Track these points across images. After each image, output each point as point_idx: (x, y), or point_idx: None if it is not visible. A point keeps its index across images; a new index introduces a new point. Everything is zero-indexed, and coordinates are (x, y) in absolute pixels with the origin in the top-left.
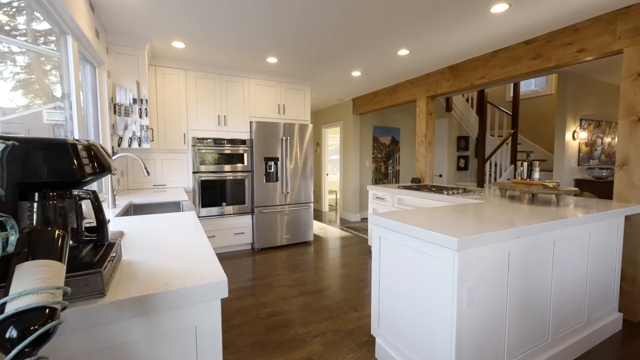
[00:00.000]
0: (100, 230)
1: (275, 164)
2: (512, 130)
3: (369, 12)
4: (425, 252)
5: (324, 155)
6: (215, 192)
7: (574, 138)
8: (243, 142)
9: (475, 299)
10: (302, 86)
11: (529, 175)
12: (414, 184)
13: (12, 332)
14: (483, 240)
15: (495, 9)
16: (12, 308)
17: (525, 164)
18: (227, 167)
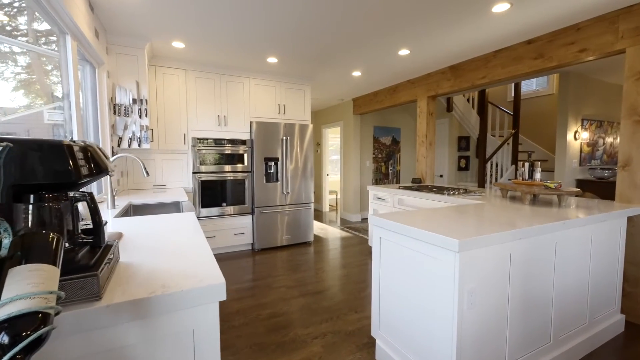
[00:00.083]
0: (96, 232)
1: (276, 164)
2: (513, 131)
3: (369, 12)
4: (426, 254)
5: (325, 155)
6: (216, 192)
7: (575, 138)
8: (243, 142)
9: (477, 300)
10: (303, 86)
11: (531, 175)
12: (415, 184)
13: (3, 338)
14: (484, 241)
15: (497, 8)
16: (3, 313)
17: (526, 164)
18: (227, 168)
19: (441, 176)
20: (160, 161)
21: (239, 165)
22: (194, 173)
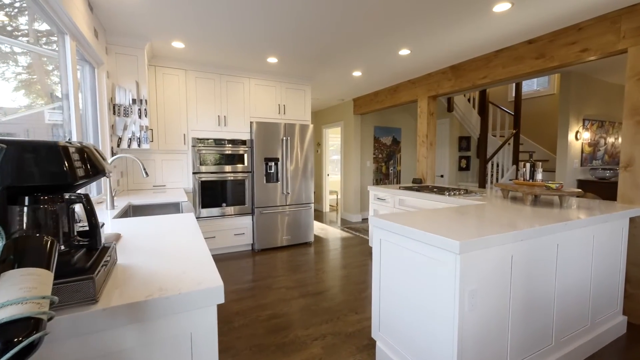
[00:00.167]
0: (93, 235)
1: (276, 164)
2: (514, 131)
3: (369, 12)
4: (426, 255)
5: (325, 155)
6: (216, 192)
7: (576, 138)
8: (243, 142)
9: (478, 302)
10: (303, 86)
11: (532, 176)
12: (415, 184)
13: None
14: (485, 243)
15: (498, 8)
16: None
17: (527, 164)
18: (228, 168)
19: (442, 176)
20: (160, 161)
21: (239, 166)
22: (194, 173)
